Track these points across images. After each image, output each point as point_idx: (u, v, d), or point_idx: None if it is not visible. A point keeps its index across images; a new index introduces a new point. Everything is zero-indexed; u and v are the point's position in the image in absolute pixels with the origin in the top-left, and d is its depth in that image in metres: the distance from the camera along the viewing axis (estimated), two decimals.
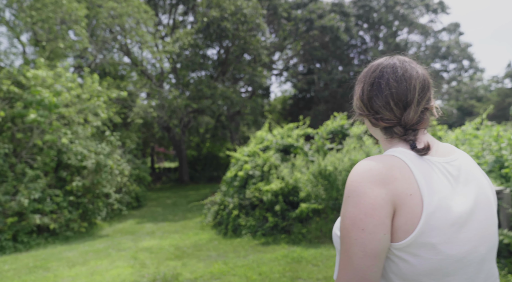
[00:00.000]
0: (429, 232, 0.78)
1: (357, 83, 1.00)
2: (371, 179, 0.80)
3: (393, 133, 0.92)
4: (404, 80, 0.89)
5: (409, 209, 0.79)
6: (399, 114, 0.89)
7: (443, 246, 0.78)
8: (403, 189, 0.80)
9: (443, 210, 0.79)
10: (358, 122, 7.28)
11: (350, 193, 0.81)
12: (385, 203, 0.78)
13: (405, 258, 0.79)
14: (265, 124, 8.37)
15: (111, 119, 9.96)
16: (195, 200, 12.92)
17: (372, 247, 0.77)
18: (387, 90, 0.89)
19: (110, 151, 7.53)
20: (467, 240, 0.81)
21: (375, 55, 17.48)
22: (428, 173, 0.83)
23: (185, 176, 20.81)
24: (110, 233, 7.58)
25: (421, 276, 0.79)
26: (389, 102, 0.89)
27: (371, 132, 1.02)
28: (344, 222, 0.81)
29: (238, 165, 7.41)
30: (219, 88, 12.60)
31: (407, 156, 0.85)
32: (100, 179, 7.04)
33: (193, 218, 9.21)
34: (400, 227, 0.79)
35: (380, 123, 0.91)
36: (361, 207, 0.78)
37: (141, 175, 11.10)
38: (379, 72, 0.92)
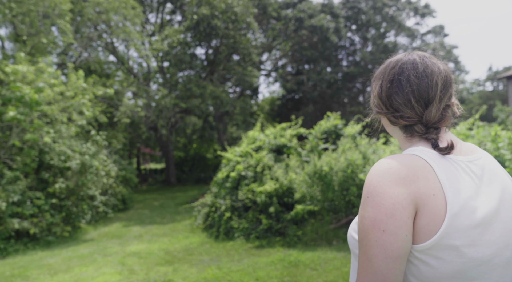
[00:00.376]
0: (453, 234, 0.74)
1: (374, 80, 0.97)
2: (391, 178, 0.77)
3: (413, 131, 0.87)
4: (425, 76, 0.85)
5: (432, 210, 0.75)
6: (420, 112, 0.86)
7: (467, 248, 0.75)
8: (426, 189, 0.76)
9: (467, 211, 0.76)
10: (352, 122, 7.19)
11: (370, 193, 0.78)
12: (407, 204, 0.75)
13: (427, 261, 0.76)
14: (257, 124, 8.19)
15: (97, 119, 9.59)
16: (183, 202, 12.62)
17: (393, 249, 0.73)
18: (408, 87, 0.85)
19: (96, 151, 7.19)
20: (492, 242, 0.77)
21: (363, 56, 17.57)
22: (451, 172, 0.79)
23: (172, 177, 20.44)
24: (96, 237, 7.24)
25: (443, 279, 0.76)
26: (410, 100, 0.85)
27: (388, 131, 0.98)
28: (363, 223, 0.77)
29: (230, 165, 7.20)
30: (208, 88, 12.33)
31: (429, 155, 0.82)
32: (85, 181, 6.69)
33: (182, 221, 8.93)
34: (422, 228, 0.75)
35: (400, 121, 0.87)
36: (382, 208, 0.75)
37: (127, 177, 10.73)
38: (398, 69, 0.88)
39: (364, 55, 17.31)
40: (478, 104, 30.63)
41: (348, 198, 5.59)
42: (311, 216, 5.82)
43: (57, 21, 7.88)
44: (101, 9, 9.94)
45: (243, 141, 8.28)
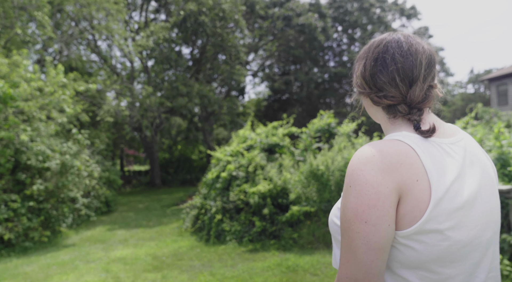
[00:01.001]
0: (437, 218, 0.74)
1: (357, 60, 0.94)
2: (374, 166, 0.75)
3: (397, 111, 0.85)
4: (410, 54, 0.84)
5: (416, 195, 0.74)
6: (404, 91, 0.83)
7: (451, 231, 0.75)
8: (409, 175, 0.75)
9: (451, 194, 0.75)
10: (346, 120, 7.02)
11: (352, 182, 0.76)
12: (389, 192, 0.73)
13: (411, 245, 0.75)
14: (248, 122, 7.92)
15: (79, 118, 9.13)
16: (169, 204, 12.22)
17: (376, 240, 0.73)
18: (392, 65, 0.83)
19: (78, 151, 6.76)
20: (474, 224, 0.78)
21: (351, 56, 17.55)
22: (435, 156, 0.78)
23: (157, 179, 19.92)
24: (77, 242, 6.80)
25: (427, 263, 0.76)
26: (395, 78, 0.83)
27: (370, 113, 0.95)
28: (346, 214, 0.76)
29: (220, 165, 6.90)
30: (195, 86, 11.97)
31: (412, 139, 0.80)
32: (66, 182, 6.26)
33: (169, 224, 8.56)
34: (406, 214, 0.74)
35: (384, 100, 0.85)
36: (364, 198, 0.74)
37: (111, 178, 10.26)
38: (383, 47, 0.86)
39: (352, 55, 17.29)
40: (461, 106, 31.29)
41: None
42: (307, 217, 5.59)
43: (34, 13, 7.41)
44: (82, 3, 9.46)
45: (233, 140, 8.00)
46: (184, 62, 12.72)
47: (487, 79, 22.37)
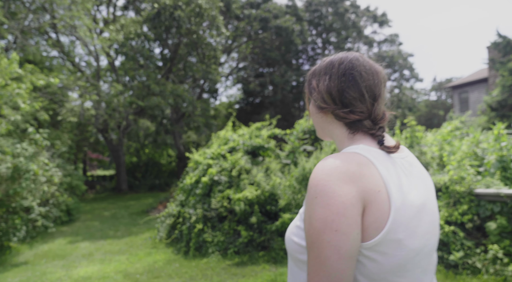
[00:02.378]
0: (397, 228, 0.77)
1: (315, 77, 0.96)
2: (339, 176, 0.76)
3: (361, 127, 0.88)
4: (372, 73, 0.89)
5: (378, 206, 0.77)
6: (370, 107, 0.88)
7: (407, 240, 0.79)
8: (372, 186, 0.77)
9: (406, 205, 0.79)
10: None
11: (317, 193, 0.75)
12: (356, 201, 0.75)
13: (373, 257, 0.78)
14: (229, 123, 7.37)
15: (36, 117, 8.13)
16: (138, 211, 11.34)
17: (347, 248, 0.73)
18: (361, 82, 0.88)
19: (35, 153, 5.86)
20: (424, 232, 0.83)
21: None
22: (390, 169, 0.82)
23: (124, 184, 18.76)
24: (31, 259, 5.88)
25: (387, 274, 0.78)
26: (364, 94, 0.87)
27: (323, 129, 0.97)
28: (313, 225, 0.75)
29: (200, 169, 6.29)
30: (168, 86, 11.20)
31: (370, 152, 0.83)
32: (19, 189, 5.36)
33: (140, 234, 7.78)
34: (370, 225, 0.76)
35: (351, 116, 0.88)
36: (332, 207, 0.73)
37: (73, 184, 9.25)
38: (349, 63, 0.89)
39: None
40: (425, 112, 32.56)
41: None
42: None
43: None
44: None
45: (212, 142, 7.41)
46: (156, 59, 11.90)
47: (450, 87, 23.33)
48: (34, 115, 7.77)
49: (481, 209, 3.58)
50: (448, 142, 5.54)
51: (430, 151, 5.34)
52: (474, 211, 3.61)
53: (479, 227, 3.73)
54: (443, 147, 5.31)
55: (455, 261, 3.54)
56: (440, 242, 3.81)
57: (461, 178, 3.82)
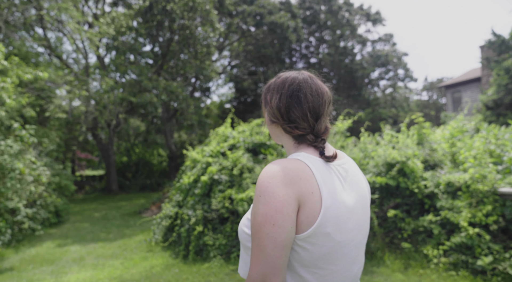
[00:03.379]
0: (326, 224, 0.92)
1: (269, 92, 1.09)
2: (280, 180, 0.91)
3: (304, 140, 1.04)
4: (317, 95, 1.03)
5: (311, 205, 0.92)
6: (312, 124, 1.03)
7: (335, 234, 0.94)
8: (306, 188, 0.92)
9: (336, 205, 0.95)
10: (341, 117, 6.44)
11: (261, 192, 0.91)
12: (292, 201, 0.90)
13: (306, 247, 0.93)
14: (227, 119, 7.06)
15: (22, 114, 7.69)
16: (130, 212, 10.93)
17: (281, 239, 0.88)
18: (305, 104, 1.02)
19: (20, 151, 5.45)
20: (351, 229, 0.99)
21: (323, 58, 17.31)
22: (325, 174, 0.97)
23: (114, 184, 18.24)
24: (17, 264, 5.47)
25: (317, 261, 0.95)
26: (307, 114, 1.02)
27: (276, 136, 1.12)
28: (256, 219, 0.91)
29: (198, 168, 5.96)
30: (161, 82, 10.79)
31: (309, 159, 0.98)
32: (3, 189, 4.94)
33: (133, 236, 7.41)
34: (303, 220, 0.91)
35: (296, 131, 1.03)
36: (272, 205, 0.89)
37: (62, 184, 8.79)
38: (296, 86, 1.03)
39: (324, 57, 17.04)
40: (416, 112, 32.73)
41: None
42: None
43: None
44: None
45: (210, 140, 7.09)
46: (149, 54, 11.47)
47: (444, 86, 23.43)
48: (20, 112, 7.32)
49: (507, 210, 3.36)
50: (459, 139, 5.34)
51: (441, 148, 5.13)
52: (499, 212, 3.39)
53: (505, 229, 3.51)
54: (454, 144, 5.10)
55: (482, 266, 3.30)
56: (463, 246, 3.58)
57: (482, 176, 3.60)
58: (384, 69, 19.62)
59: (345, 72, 17.55)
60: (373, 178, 4.51)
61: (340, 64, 17.21)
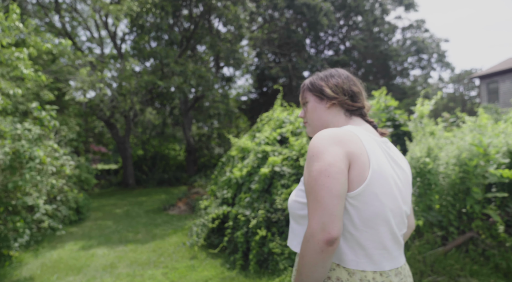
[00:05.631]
0: (374, 183, 1.03)
1: (322, 80, 1.27)
2: (330, 140, 1.04)
3: (359, 113, 1.25)
4: (356, 80, 1.29)
5: (360, 164, 1.03)
6: (363, 100, 1.26)
7: (382, 196, 1.04)
8: (355, 149, 1.04)
9: (382, 171, 1.06)
10: (420, 99, 5.32)
11: (314, 152, 1.04)
12: (342, 157, 1.01)
13: (356, 205, 1.03)
14: (277, 101, 6.00)
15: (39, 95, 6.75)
16: (154, 209, 10.00)
17: (336, 189, 0.98)
18: (358, 83, 1.27)
19: (40, 136, 4.48)
20: (396, 196, 1.09)
21: (356, 43, 16.06)
22: (371, 143, 1.10)
23: (130, 179, 17.41)
24: (38, 272, 4.52)
25: (366, 220, 1.03)
26: (361, 92, 1.26)
27: (324, 119, 1.25)
28: (311, 174, 1.01)
29: (251, 159, 4.92)
30: (189, 65, 9.77)
31: (357, 130, 1.13)
32: (21, 182, 3.98)
33: (165, 237, 6.44)
34: (354, 178, 1.02)
35: (356, 104, 1.23)
36: (325, 160, 1.00)
37: (82, 177, 7.86)
38: (346, 73, 1.28)
39: (357, 43, 15.80)
40: (442, 105, 31.20)
41: (463, 207, 3.64)
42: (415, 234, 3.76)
43: None
44: None
45: (258, 126, 6.04)
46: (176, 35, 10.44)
47: (478, 77, 21.97)
48: (37, 93, 6.37)
49: None
50: None
51: None
52: None
53: None
54: None
55: None
56: None
57: None
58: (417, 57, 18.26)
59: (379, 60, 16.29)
60: (499, 172, 3.40)
61: (374, 51, 15.96)
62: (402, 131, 5.78)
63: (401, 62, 17.21)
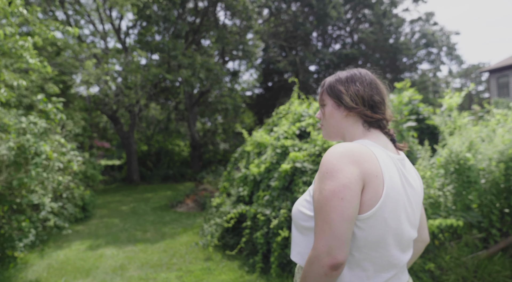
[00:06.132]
0: (385, 208, 0.98)
1: (342, 84, 1.16)
2: (347, 159, 0.97)
3: (377, 125, 1.14)
4: (382, 85, 1.18)
5: (375, 187, 0.98)
6: (385, 110, 1.15)
7: (390, 220, 1.00)
8: (371, 170, 0.98)
9: (395, 193, 1.01)
10: (448, 91, 5.01)
11: (329, 170, 0.97)
12: (358, 179, 0.96)
13: (363, 228, 0.98)
14: (294, 93, 5.69)
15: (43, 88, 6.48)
16: (161, 206, 9.76)
17: (348, 213, 0.93)
18: (382, 90, 1.16)
19: (47, 130, 4.20)
20: (404, 220, 1.04)
21: (366, 36, 15.65)
22: (387, 162, 1.03)
23: (135, 175, 17.21)
24: (44, 274, 4.26)
25: (371, 243, 1.00)
26: (384, 99, 1.15)
27: (341, 127, 1.17)
28: (323, 194, 0.96)
29: (269, 154, 4.62)
30: (197, 57, 9.45)
31: (373, 146, 1.06)
32: (26, 179, 3.71)
33: (175, 236, 6.19)
34: (366, 201, 0.97)
35: (375, 115, 1.12)
36: (340, 180, 0.94)
37: (88, 173, 7.60)
38: (370, 77, 1.16)
39: (367, 35, 15.41)
40: None
41: (506, 206, 3.34)
42: (452, 235, 3.46)
43: None
44: None
45: (274, 120, 5.74)
46: (184, 26, 10.11)
47: (488, 71, 21.53)
48: (42, 86, 6.09)
49: None
50: None
51: None
52: None
53: None
54: None
55: None
56: None
57: None
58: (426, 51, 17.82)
59: (388, 53, 15.88)
60: None
61: (384, 44, 15.55)
62: (426, 125, 5.48)
63: (411, 55, 16.81)
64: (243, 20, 10.48)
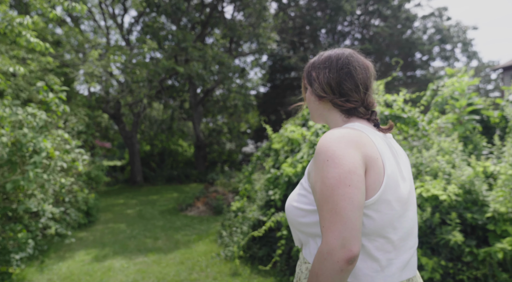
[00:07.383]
0: (388, 190, 0.93)
1: (314, 69, 1.09)
2: (347, 143, 0.90)
3: (355, 113, 1.05)
4: (364, 68, 1.05)
5: (376, 170, 0.91)
6: (363, 96, 1.04)
7: (394, 202, 0.94)
8: (371, 153, 0.92)
9: (393, 174, 0.95)
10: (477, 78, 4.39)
11: (329, 156, 0.88)
12: (361, 163, 0.89)
13: (370, 214, 0.92)
14: None
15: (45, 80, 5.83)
16: (169, 209, 9.14)
17: (358, 199, 0.85)
18: (356, 76, 1.03)
19: (47, 124, 3.56)
20: (406, 200, 0.98)
21: (381, 30, 15.03)
22: (382, 144, 0.98)
23: (138, 176, 16.62)
24: None
25: (379, 229, 0.93)
26: (358, 86, 1.03)
27: (318, 115, 1.13)
28: (328, 183, 0.87)
29: (307, 152, 3.98)
30: (208, 50, 8.83)
31: (365, 128, 1.00)
32: (24, 182, 3.07)
33: (190, 244, 5.54)
34: (370, 185, 0.91)
35: (347, 104, 1.04)
36: (344, 166, 0.86)
37: (92, 174, 6.95)
38: (345, 60, 1.04)
39: (382, 29, 14.79)
40: None
41: None
42: None
43: None
44: None
45: (303, 113, 5.10)
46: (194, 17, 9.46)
47: (501, 68, 20.88)
48: (42, 77, 5.45)
49: None
50: None
51: None
52: None
53: None
54: None
55: None
56: None
57: None
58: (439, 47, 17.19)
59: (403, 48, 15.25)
60: None
61: (399, 39, 14.93)
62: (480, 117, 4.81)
63: (426, 51, 16.18)
64: (256, 11, 9.85)
